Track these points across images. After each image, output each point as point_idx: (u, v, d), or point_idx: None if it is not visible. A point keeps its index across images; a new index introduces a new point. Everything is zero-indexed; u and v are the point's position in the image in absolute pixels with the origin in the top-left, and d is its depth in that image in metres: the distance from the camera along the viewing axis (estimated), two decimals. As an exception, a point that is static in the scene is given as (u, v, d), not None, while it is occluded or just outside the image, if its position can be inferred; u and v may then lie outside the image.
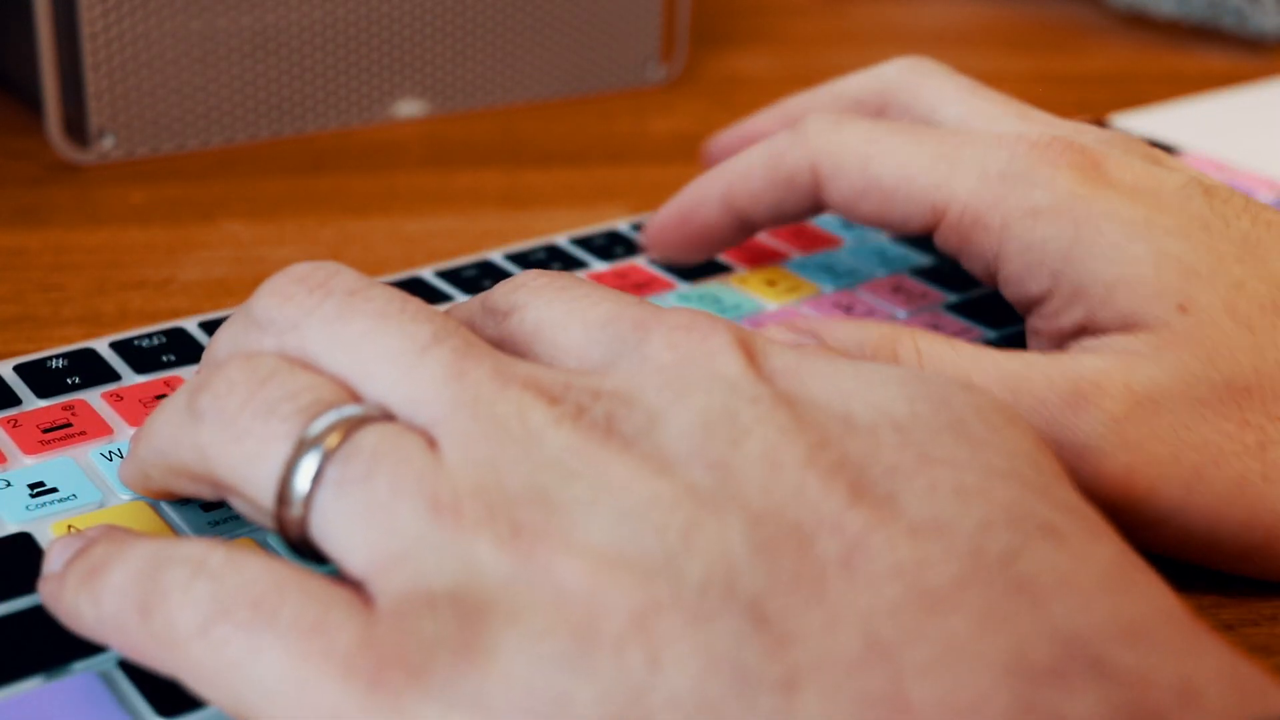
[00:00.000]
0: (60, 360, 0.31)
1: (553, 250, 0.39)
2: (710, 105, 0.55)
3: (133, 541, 0.21)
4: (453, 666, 0.18)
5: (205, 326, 0.33)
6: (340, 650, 0.18)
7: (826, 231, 0.41)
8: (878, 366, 0.22)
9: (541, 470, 0.19)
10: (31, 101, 0.48)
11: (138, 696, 0.21)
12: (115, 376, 0.30)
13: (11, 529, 0.25)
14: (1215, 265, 0.27)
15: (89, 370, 0.30)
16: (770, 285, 0.37)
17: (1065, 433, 0.26)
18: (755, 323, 0.35)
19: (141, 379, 0.30)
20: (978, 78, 0.34)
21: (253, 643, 0.18)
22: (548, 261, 0.38)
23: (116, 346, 0.32)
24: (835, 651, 0.17)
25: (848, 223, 0.41)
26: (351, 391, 0.21)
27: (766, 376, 0.21)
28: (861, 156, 0.31)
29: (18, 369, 0.30)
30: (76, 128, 0.45)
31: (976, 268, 0.30)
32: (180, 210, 0.43)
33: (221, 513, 0.26)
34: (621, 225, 0.40)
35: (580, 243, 0.39)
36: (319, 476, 0.20)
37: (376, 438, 0.20)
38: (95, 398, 0.29)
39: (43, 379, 0.30)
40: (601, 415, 0.20)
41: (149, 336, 0.32)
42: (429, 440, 0.20)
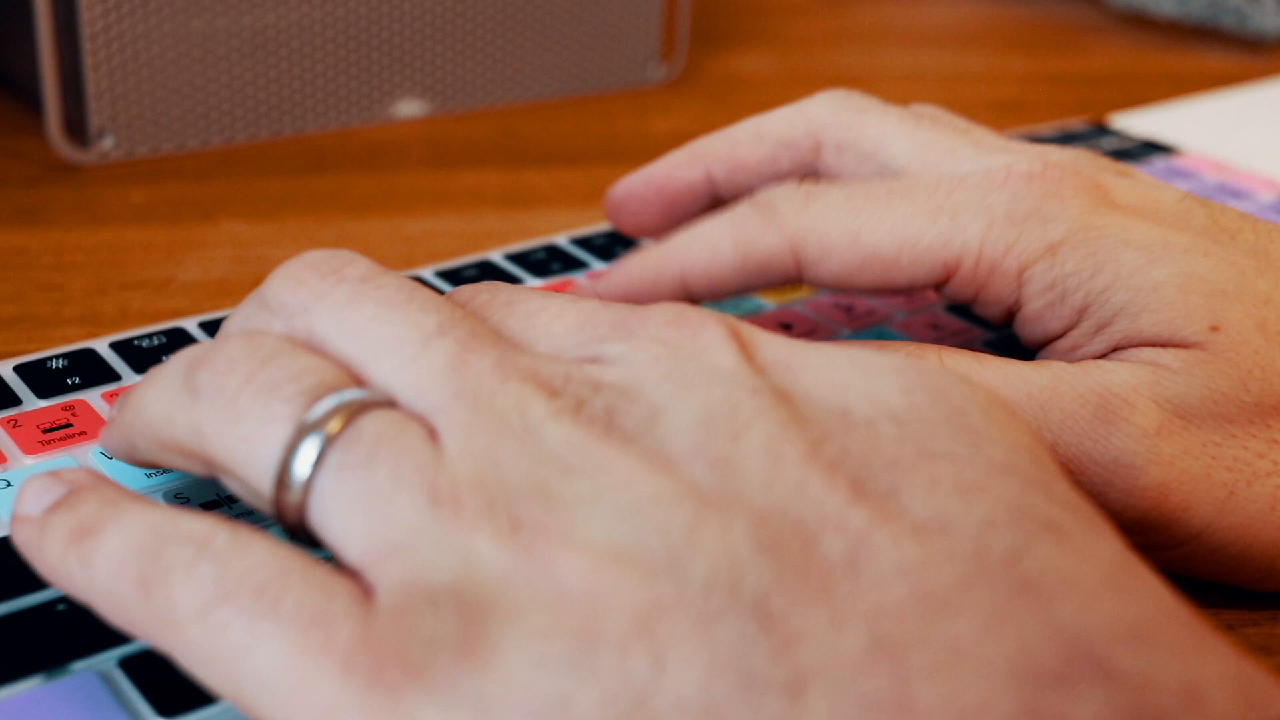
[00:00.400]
0: (60, 360, 0.31)
1: (552, 250, 0.39)
2: (710, 105, 0.55)
3: (128, 506, 0.20)
4: (452, 666, 0.18)
5: (205, 327, 0.33)
6: (340, 645, 0.18)
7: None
8: (872, 354, 0.21)
9: (541, 464, 0.19)
10: (31, 101, 0.48)
11: (138, 696, 0.21)
12: (115, 377, 0.30)
13: (12, 529, 0.25)
14: (1240, 282, 0.27)
15: (89, 370, 0.30)
16: (771, 285, 0.37)
17: (1097, 447, 0.26)
18: (755, 323, 0.34)
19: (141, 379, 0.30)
20: (978, 78, 0.34)
21: (253, 630, 0.18)
22: (548, 261, 0.38)
23: (116, 347, 0.32)
24: (841, 652, 0.17)
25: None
26: (355, 376, 0.21)
27: (761, 368, 0.21)
28: (849, 231, 0.28)
29: (18, 369, 0.30)
30: (76, 128, 0.45)
31: (992, 313, 0.29)
32: (180, 210, 0.43)
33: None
34: (622, 225, 0.40)
35: (580, 243, 0.39)
36: (320, 461, 0.20)
37: (378, 424, 0.20)
38: (95, 398, 0.29)
39: (43, 379, 0.30)
40: (601, 409, 0.20)
41: (149, 337, 0.32)
42: (429, 430, 0.20)
